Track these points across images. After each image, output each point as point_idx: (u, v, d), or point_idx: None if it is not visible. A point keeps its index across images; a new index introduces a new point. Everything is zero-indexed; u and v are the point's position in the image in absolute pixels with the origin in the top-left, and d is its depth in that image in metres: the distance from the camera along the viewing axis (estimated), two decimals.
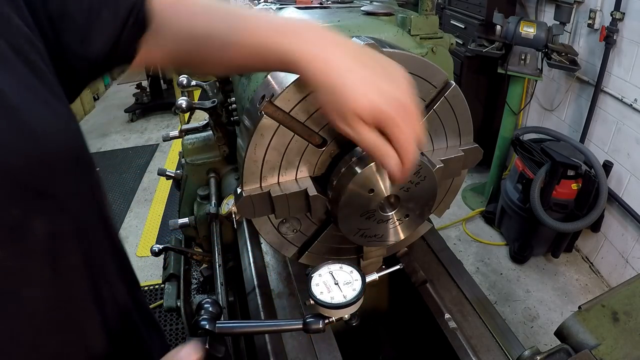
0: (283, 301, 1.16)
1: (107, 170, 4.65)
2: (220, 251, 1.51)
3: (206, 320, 0.70)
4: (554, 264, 3.07)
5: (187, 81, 1.56)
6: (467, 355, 1.00)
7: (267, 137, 0.83)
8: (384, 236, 0.94)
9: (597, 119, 2.93)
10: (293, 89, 0.80)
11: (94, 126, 5.80)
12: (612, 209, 2.82)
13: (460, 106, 0.96)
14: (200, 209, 1.77)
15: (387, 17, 1.19)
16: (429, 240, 1.33)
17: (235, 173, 1.79)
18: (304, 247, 1.02)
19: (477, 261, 3.15)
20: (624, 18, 2.57)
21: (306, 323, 0.73)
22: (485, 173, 3.84)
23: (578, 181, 2.67)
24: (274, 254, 1.32)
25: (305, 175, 0.90)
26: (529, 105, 3.70)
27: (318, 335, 1.02)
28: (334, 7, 1.38)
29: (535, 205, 2.66)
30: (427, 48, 1.13)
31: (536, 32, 2.89)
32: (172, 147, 4.89)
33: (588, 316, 0.70)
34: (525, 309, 2.74)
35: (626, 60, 2.63)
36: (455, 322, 1.08)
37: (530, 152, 2.89)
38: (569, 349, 0.69)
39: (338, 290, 0.73)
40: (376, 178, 0.84)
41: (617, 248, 2.81)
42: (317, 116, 0.85)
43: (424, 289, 1.19)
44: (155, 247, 1.67)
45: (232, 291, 1.50)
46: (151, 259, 3.21)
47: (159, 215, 3.85)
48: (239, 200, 0.86)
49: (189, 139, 1.86)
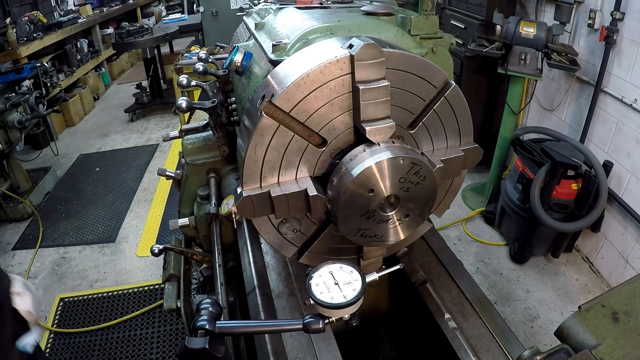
0: (283, 301, 1.16)
1: (107, 170, 4.65)
2: (220, 251, 1.50)
3: (206, 320, 0.70)
4: (554, 264, 3.07)
5: (187, 81, 1.55)
6: (467, 355, 1.00)
7: (267, 137, 0.83)
8: (384, 236, 0.94)
9: (597, 119, 2.92)
10: (293, 89, 0.80)
11: (94, 126, 5.80)
12: (612, 209, 2.82)
13: (460, 106, 0.96)
14: (200, 209, 1.77)
15: (387, 17, 1.19)
16: (429, 240, 1.33)
17: (235, 173, 1.79)
18: (304, 247, 1.02)
19: (477, 261, 3.15)
20: (624, 18, 2.57)
21: (306, 323, 0.73)
22: (485, 173, 3.84)
23: (578, 181, 2.67)
24: (274, 254, 1.32)
25: (305, 175, 0.90)
26: (529, 105, 3.70)
27: (318, 335, 1.02)
28: (334, 7, 1.38)
29: (535, 205, 2.66)
30: (427, 48, 1.13)
31: (536, 32, 2.89)
32: (172, 147, 4.89)
33: (588, 316, 0.70)
34: (525, 309, 2.74)
35: (626, 60, 2.63)
36: (455, 322, 1.08)
37: (530, 152, 2.88)
38: (569, 349, 0.69)
39: (338, 290, 0.73)
40: (376, 178, 0.84)
41: (617, 248, 2.81)
42: (317, 116, 0.85)
43: (424, 289, 1.19)
44: (155, 247, 1.67)
45: (232, 291, 1.50)
46: (151, 259, 3.21)
47: (159, 215, 3.85)
48: (239, 200, 0.86)
49: (189, 139, 1.86)
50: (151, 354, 2.53)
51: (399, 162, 0.84)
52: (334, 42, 0.90)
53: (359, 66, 0.81)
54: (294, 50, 1.02)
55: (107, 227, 3.70)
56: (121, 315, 2.80)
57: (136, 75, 7.51)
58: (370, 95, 0.83)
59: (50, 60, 5.41)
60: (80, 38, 6.59)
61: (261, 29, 1.35)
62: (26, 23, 5.06)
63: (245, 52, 1.24)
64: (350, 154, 0.87)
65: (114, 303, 2.90)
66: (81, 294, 3.00)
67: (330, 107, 0.85)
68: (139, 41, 5.53)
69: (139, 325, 2.74)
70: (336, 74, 0.82)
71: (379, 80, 0.83)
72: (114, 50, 7.24)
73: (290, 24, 1.19)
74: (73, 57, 6.10)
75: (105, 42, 7.21)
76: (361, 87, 0.82)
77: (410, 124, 0.96)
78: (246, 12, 1.76)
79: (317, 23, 1.08)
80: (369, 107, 0.83)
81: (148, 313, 2.81)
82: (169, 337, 2.63)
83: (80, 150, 5.14)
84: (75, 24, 6.09)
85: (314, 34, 1.04)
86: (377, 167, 0.83)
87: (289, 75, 0.83)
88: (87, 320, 2.77)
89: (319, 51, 0.87)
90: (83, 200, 4.12)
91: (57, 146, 4.97)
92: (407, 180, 0.87)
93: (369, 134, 0.84)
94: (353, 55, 0.81)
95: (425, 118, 0.95)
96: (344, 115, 0.87)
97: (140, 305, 2.87)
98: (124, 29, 5.69)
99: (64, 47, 5.95)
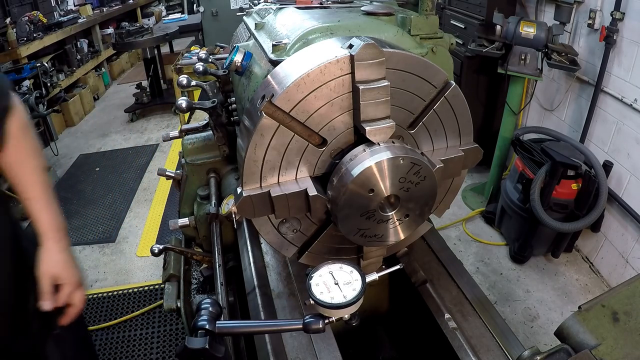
0: (283, 301, 1.16)
1: (107, 170, 4.65)
2: (220, 251, 1.50)
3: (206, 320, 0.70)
4: (554, 264, 3.07)
5: (187, 81, 1.55)
6: (467, 355, 1.00)
7: (267, 137, 0.83)
8: (384, 236, 0.94)
9: (597, 119, 2.92)
10: (293, 89, 0.80)
11: (94, 126, 5.80)
12: (612, 209, 2.82)
13: (460, 106, 0.96)
14: (200, 209, 1.77)
15: (387, 17, 1.19)
16: (429, 240, 1.33)
17: (235, 173, 1.79)
18: (304, 247, 1.02)
19: (477, 261, 3.15)
20: (624, 18, 2.57)
21: (306, 323, 0.73)
22: (485, 173, 3.83)
23: (578, 181, 2.67)
24: (274, 254, 1.32)
25: (305, 175, 0.90)
26: (529, 105, 3.69)
27: (318, 335, 1.02)
28: (334, 7, 1.38)
29: (535, 205, 2.66)
30: (427, 48, 1.13)
31: (536, 32, 2.88)
32: (172, 147, 4.89)
33: (588, 316, 0.70)
34: (525, 309, 2.74)
35: (626, 60, 2.63)
36: (455, 322, 1.08)
37: (530, 152, 2.88)
38: (569, 349, 0.69)
39: (338, 290, 0.73)
40: (376, 178, 0.84)
41: (617, 248, 2.81)
42: (317, 116, 0.85)
43: (424, 289, 1.19)
44: (155, 247, 1.67)
45: (232, 291, 1.50)
46: (151, 259, 3.21)
47: (159, 215, 3.84)
48: (239, 200, 0.86)
49: (189, 139, 1.86)
50: (151, 354, 2.53)
51: (399, 162, 0.84)
52: (334, 42, 0.90)
53: (359, 66, 0.81)
54: (294, 50, 1.02)
55: (107, 227, 3.70)
56: (121, 315, 2.80)
57: (136, 75, 7.51)
58: (370, 95, 0.83)
59: (50, 60, 5.41)
60: (80, 38, 6.59)
61: (261, 29, 1.35)
62: (26, 23, 5.06)
63: (245, 52, 1.24)
64: (350, 154, 0.87)
65: (114, 303, 2.90)
66: None
67: (330, 107, 0.85)
68: (139, 41, 5.53)
69: (139, 325, 2.73)
70: (336, 74, 0.83)
71: (379, 80, 0.83)
72: (114, 50, 7.24)
73: (290, 24, 1.19)
74: (73, 57, 6.10)
75: (105, 42, 7.21)
76: (361, 87, 0.82)
77: (410, 124, 0.96)
78: (246, 12, 1.76)
79: (317, 23, 1.08)
80: (369, 107, 0.83)
81: (148, 313, 2.81)
82: (169, 337, 2.63)
83: (80, 150, 5.13)
84: (75, 24, 6.09)
85: (314, 34, 1.04)
86: (377, 167, 0.83)
87: (289, 75, 0.83)
88: (87, 320, 2.77)
89: (319, 51, 0.87)
90: (83, 200, 4.12)
91: (57, 146, 4.97)
92: (407, 180, 0.87)
93: (369, 134, 0.84)
94: (353, 55, 0.81)
95: (425, 118, 0.95)
96: (344, 115, 0.87)
97: (140, 305, 2.87)
98: (124, 29, 5.69)
99: (64, 47, 5.95)
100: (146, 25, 6.22)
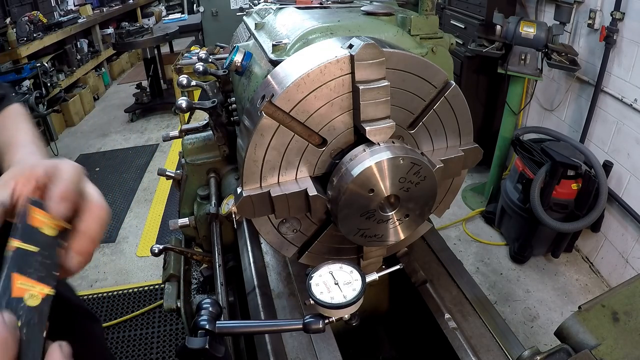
0: (283, 301, 1.16)
1: (107, 170, 4.66)
2: (220, 251, 1.50)
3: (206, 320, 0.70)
4: (554, 264, 3.07)
5: (187, 81, 1.55)
6: (467, 355, 1.00)
7: (267, 137, 0.83)
8: (384, 236, 0.94)
9: (597, 119, 2.92)
10: (293, 89, 0.80)
11: (94, 126, 5.80)
12: (612, 209, 2.82)
13: (460, 106, 0.96)
14: (200, 209, 1.77)
15: (387, 17, 1.19)
16: (429, 240, 1.33)
17: (235, 173, 1.79)
18: (304, 247, 1.02)
19: (477, 261, 3.15)
20: (624, 18, 2.57)
21: (306, 323, 0.73)
22: (485, 173, 3.84)
23: (578, 181, 2.67)
24: (274, 254, 1.32)
25: (305, 175, 0.90)
26: (529, 105, 3.69)
27: (318, 335, 1.02)
28: (334, 7, 1.38)
29: (535, 205, 2.66)
30: (427, 48, 1.13)
31: (536, 32, 2.89)
32: (172, 147, 4.89)
33: (588, 316, 0.70)
34: (525, 309, 2.74)
35: (626, 60, 2.63)
36: (455, 322, 1.08)
37: (530, 152, 2.88)
38: (569, 349, 0.69)
39: (338, 290, 0.73)
40: (376, 178, 0.84)
41: (617, 248, 2.81)
42: (317, 116, 0.85)
43: (424, 289, 1.19)
44: (155, 247, 1.67)
45: (232, 291, 1.50)
46: (151, 259, 3.21)
47: (159, 215, 3.85)
48: (239, 200, 0.86)
49: (189, 139, 1.86)
50: (151, 354, 2.53)
51: (399, 162, 0.84)
52: (334, 42, 0.90)
53: (359, 66, 0.81)
54: (294, 50, 1.02)
55: (107, 227, 3.70)
56: (121, 315, 2.80)
57: (136, 75, 7.52)
58: (370, 95, 0.82)
59: (50, 60, 5.41)
60: (80, 38, 6.59)
61: (261, 29, 1.35)
62: (26, 23, 5.06)
63: (245, 52, 1.24)
64: (350, 154, 0.87)
65: (114, 303, 2.90)
66: (81, 294, 3.00)
67: (330, 107, 0.85)
68: (139, 41, 5.53)
69: (139, 325, 2.74)
70: (336, 74, 0.82)
71: (379, 80, 0.83)
72: (114, 50, 7.24)
73: (290, 24, 1.19)
74: (73, 57, 6.10)
75: (105, 42, 7.21)
76: (361, 87, 0.82)
77: (410, 124, 0.96)
78: (246, 12, 1.76)
79: (317, 23, 1.08)
80: (369, 107, 0.83)
81: (148, 313, 2.81)
82: (169, 337, 2.63)
83: (80, 150, 5.14)
84: (75, 24, 6.10)
85: (314, 34, 1.04)
86: (377, 167, 0.83)
87: (289, 75, 0.83)
88: None
89: (319, 51, 0.87)
90: None
91: (57, 146, 4.97)
92: (407, 180, 0.87)
93: (369, 134, 0.84)
94: (353, 55, 0.81)
95: (425, 118, 0.95)
96: (344, 115, 0.87)
97: (140, 305, 2.88)
98: (124, 29, 5.69)
99: (64, 47, 5.95)
100: (146, 25, 6.22)
